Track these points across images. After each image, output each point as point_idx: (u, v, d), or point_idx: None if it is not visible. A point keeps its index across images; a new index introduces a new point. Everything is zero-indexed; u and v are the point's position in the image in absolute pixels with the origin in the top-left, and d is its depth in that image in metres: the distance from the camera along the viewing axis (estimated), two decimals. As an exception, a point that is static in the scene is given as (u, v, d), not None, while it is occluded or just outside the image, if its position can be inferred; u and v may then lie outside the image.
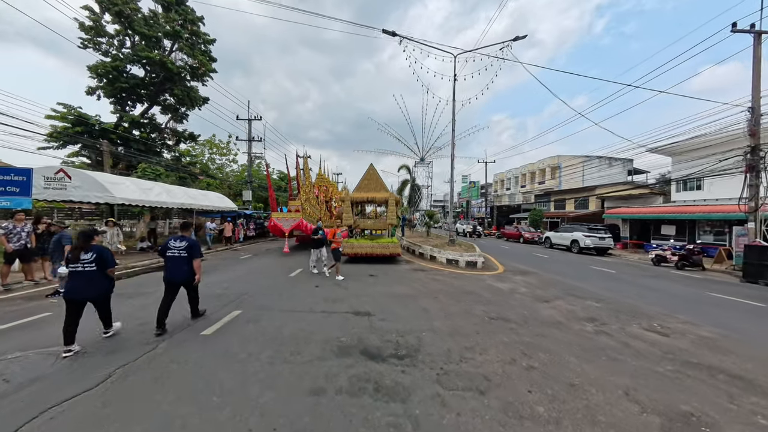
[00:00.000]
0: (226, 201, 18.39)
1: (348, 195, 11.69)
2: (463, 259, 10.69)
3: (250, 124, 27.65)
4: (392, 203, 11.61)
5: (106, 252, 3.97)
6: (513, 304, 6.41)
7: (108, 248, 4.31)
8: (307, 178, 15.62)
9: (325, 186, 20.04)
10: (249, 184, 27.00)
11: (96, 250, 3.87)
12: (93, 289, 3.82)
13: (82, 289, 3.76)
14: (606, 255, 18.83)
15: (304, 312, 5.54)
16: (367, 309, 5.76)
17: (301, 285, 7.81)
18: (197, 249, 4.77)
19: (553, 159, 45.55)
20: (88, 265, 3.77)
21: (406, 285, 7.98)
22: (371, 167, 12.44)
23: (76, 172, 10.43)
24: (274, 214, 14.01)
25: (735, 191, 19.21)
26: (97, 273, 3.82)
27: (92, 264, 3.79)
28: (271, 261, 12.13)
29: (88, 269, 3.77)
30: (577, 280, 9.39)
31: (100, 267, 3.84)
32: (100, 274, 3.86)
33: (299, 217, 13.84)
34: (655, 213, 20.12)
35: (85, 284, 3.77)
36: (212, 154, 32.97)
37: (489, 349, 4.03)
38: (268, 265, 11.20)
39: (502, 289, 7.75)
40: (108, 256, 3.94)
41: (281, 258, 12.95)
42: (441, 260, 11.44)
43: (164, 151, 25.67)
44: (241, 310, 5.59)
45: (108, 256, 3.94)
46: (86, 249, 3.82)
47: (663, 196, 26.02)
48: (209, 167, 31.34)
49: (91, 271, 3.79)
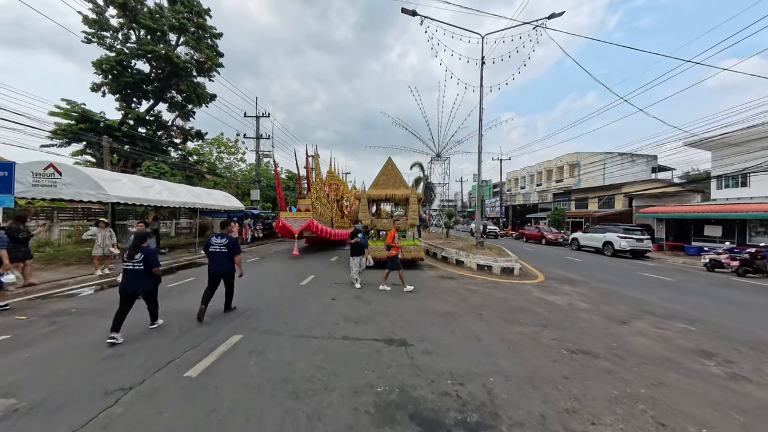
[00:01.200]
0: (232, 200, 17.39)
1: (364, 192, 10.47)
2: (498, 264, 9.32)
3: (258, 121, 26.75)
4: (414, 201, 10.34)
5: (152, 254, 4.41)
6: (583, 326, 5.05)
7: (152, 249, 4.64)
8: (318, 176, 14.45)
9: (335, 184, 18.87)
10: (257, 183, 26.07)
11: (144, 252, 4.30)
12: (141, 284, 4.27)
13: (132, 285, 4.21)
14: (643, 258, 17.15)
15: (321, 338, 4.31)
16: (400, 334, 4.49)
17: (314, 297, 6.59)
18: (236, 246, 5.24)
19: (572, 156, 43.59)
20: (137, 264, 4.22)
21: (439, 298, 6.68)
22: (389, 161, 11.18)
23: (67, 168, 9.46)
24: (283, 214, 12.88)
25: None
26: (144, 271, 4.26)
27: (140, 263, 4.23)
28: (280, 265, 10.98)
29: (137, 268, 4.22)
30: (636, 291, 7.94)
31: (146, 266, 4.27)
32: (147, 273, 4.30)
33: (309, 217, 12.67)
34: (698, 212, 18.28)
35: (133, 281, 4.22)
36: (220, 153, 32.24)
37: (601, 413, 2.70)
38: (277, 270, 10.04)
39: (558, 304, 6.38)
40: (153, 258, 4.37)
41: (290, 261, 11.81)
42: (470, 265, 10.09)
43: (171, 149, 24.96)
44: (242, 334, 4.39)
45: (153, 258, 4.37)
46: (139, 250, 4.27)
47: (701, 194, 24.02)
48: (217, 166, 30.59)
49: (140, 269, 4.23)
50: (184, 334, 4.39)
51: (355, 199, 10.55)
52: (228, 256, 5.11)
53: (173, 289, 7.22)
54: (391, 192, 10.54)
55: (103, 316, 5.05)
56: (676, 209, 19.79)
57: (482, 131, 11.99)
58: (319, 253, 14.85)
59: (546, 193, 46.70)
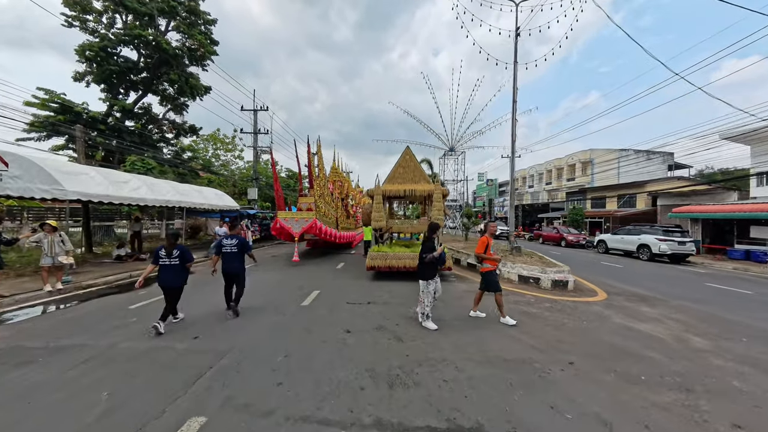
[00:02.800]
0: (225, 199, 15.63)
1: (378, 188, 8.69)
2: (547, 276, 7.51)
3: (256, 115, 25.00)
4: (439, 198, 8.56)
5: (188, 251, 4.86)
6: (740, 387, 3.25)
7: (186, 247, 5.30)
8: (321, 170, 12.68)
9: (339, 181, 17.09)
10: (255, 181, 24.31)
11: (180, 249, 4.72)
12: (178, 279, 4.70)
13: (170, 279, 4.64)
14: (683, 263, 15.33)
15: (337, 428, 2.51)
16: (470, 413, 2.70)
17: (321, 329, 4.81)
18: (248, 245, 5.60)
19: (585, 153, 41.76)
20: (173, 260, 4.63)
21: (494, 330, 4.88)
22: (407, 151, 9.38)
23: (15, 158, 7.69)
24: (281, 214, 11.11)
25: None
26: (179, 267, 4.70)
27: (176, 259, 4.65)
28: (277, 275, 9.20)
29: (173, 263, 4.64)
30: (740, 314, 6.12)
31: (182, 262, 4.71)
32: (182, 268, 4.74)
33: (312, 218, 10.90)
34: (744, 211, 16.40)
35: (172, 275, 4.65)
36: (216, 150, 30.53)
37: None
38: (273, 282, 8.26)
39: (662, 339, 4.58)
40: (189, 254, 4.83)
41: (290, 270, 10.03)
42: (509, 276, 8.29)
43: (162, 144, 23.25)
44: (206, 417, 2.60)
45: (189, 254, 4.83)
46: (175, 246, 4.67)
47: (738, 192, 22.16)
48: (212, 163, 28.86)
49: (176, 265, 4.65)
50: (122, 407, 2.61)
51: (365, 197, 8.76)
52: (239, 255, 5.41)
53: (133, 313, 5.45)
54: (410, 187, 8.77)
55: (26, 364, 3.32)
56: (717, 208, 17.92)
57: (515, 115, 10.17)
58: (322, 258, 13.07)
59: (556, 192, 44.87)
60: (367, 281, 8.27)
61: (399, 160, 9.38)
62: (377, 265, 8.24)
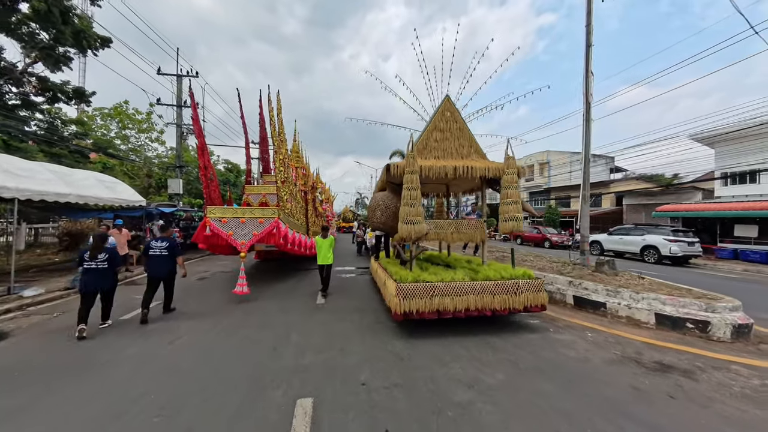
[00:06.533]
0: (120, 189, 9.89)
1: (414, 162, 4.55)
2: (721, 317, 4.28)
3: (180, 82, 18.63)
4: (512, 181, 4.82)
5: (117, 253, 4.89)
6: None
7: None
8: (283, 143, 8.08)
9: (303, 169, 12.42)
10: (179, 169, 17.98)
11: (108, 251, 4.65)
12: (106, 281, 4.60)
13: (97, 282, 4.51)
14: (686, 264, 14.20)
15: None
16: None
17: None
18: (178, 248, 5.43)
19: (542, 154, 42.62)
20: (100, 263, 4.51)
21: None
22: (447, 105, 5.43)
23: None
24: (213, 212, 6.33)
25: None
26: (108, 269, 4.59)
27: (104, 262, 4.53)
28: (202, 342, 4.54)
29: (101, 266, 4.52)
30: None
31: (111, 265, 4.63)
32: (111, 271, 4.65)
33: (272, 217, 6.37)
34: (733, 209, 16.05)
35: (99, 278, 4.53)
36: (123, 128, 22.89)
37: None
38: (193, 363, 3.68)
39: None
40: (118, 257, 4.89)
41: (231, 316, 5.43)
42: (630, 315, 4.94)
43: (27, 111, 15.75)
44: None
45: (118, 257, 4.89)
46: (102, 249, 4.58)
47: (702, 192, 22.94)
48: (114, 145, 21.38)
49: (104, 268, 4.54)
50: None
51: (408, 171, 4.42)
52: (169, 258, 5.28)
53: None
54: (462, 163, 4.87)
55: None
56: (704, 207, 17.60)
57: (588, 68, 7.02)
58: (282, 280, 8.48)
59: (516, 192, 45.21)
60: (400, 344, 4.19)
61: (433, 118, 5.41)
62: (418, 310, 4.19)
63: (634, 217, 25.23)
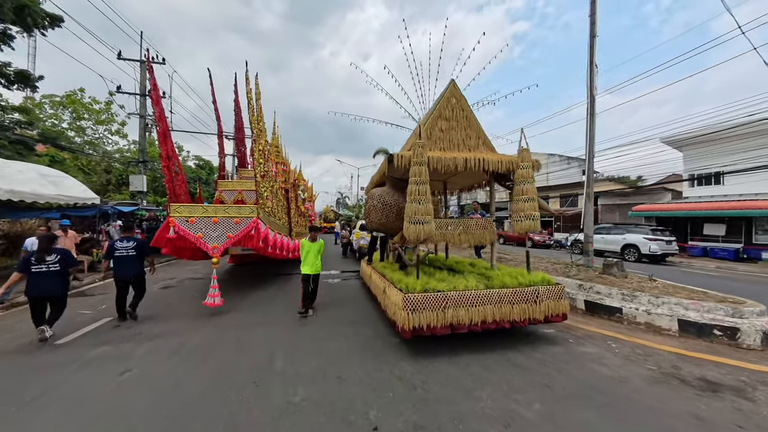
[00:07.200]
0: (65, 184, 8.54)
1: (422, 152, 3.91)
2: (750, 324, 3.97)
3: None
4: (526, 175, 4.32)
5: (70, 254, 4.57)
6: None
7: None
8: (262, 132, 7.19)
9: (283, 164, 11.46)
10: (142, 164, 16.30)
11: (60, 252, 4.38)
12: (57, 286, 4.28)
13: (48, 288, 4.20)
14: (662, 263, 14.63)
15: None
16: None
17: None
18: (146, 247, 5.23)
19: (519, 156, 43.80)
20: (51, 265, 4.21)
21: None
22: (453, 91, 4.82)
23: None
24: (177, 210, 5.39)
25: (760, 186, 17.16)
26: (59, 272, 4.27)
27: (56, 264, 4.23)
28: (165, 368, 3.68)
29: (52, 269, 4.21)
30: None
31: (63, 267, 4.32)
32: (63, 274, 4.33)
33: (251, 216, 5.52)
34: (703, 209, 16.81)
35: (50, 283, 4.21)
36: (77, 119, 20.63)
37: None
38: (147, 406, 2.84)
39: None
40: (72, 258, 4.59)
41: (202, 331, 4.55)
42: (650, 321, 4.58)
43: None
44: None
45: (72, 258, 4.59)
46: (52, 251, 4.30)
47: (671, 193, 24.08)
48: (67, 136, 19.20)
49: (55, 271, 4.23)
50: None
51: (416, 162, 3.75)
52: (137, 259, 5.05)
53: None
54: (473, 155, 4.29)
55: None
56: (677, 207, 18.36)
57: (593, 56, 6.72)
58: (260, 288, 7.57)
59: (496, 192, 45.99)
60: (409, 367, 3.55)
61: (437, 106, 4.80)
62: (429, 325, 3.56)
63: (608, 217, 26.18)
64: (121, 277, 4.94)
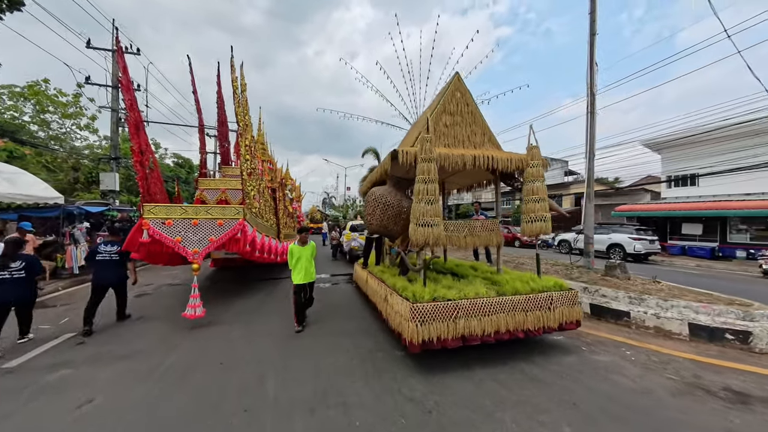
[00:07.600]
0: (22, 181, 7.67)
1: (430, 148, 3.60)
2: (762, 328, 3.88)
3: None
4: (536, 174, 4.09)
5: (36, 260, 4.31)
6: None
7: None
8: (248, 126, 6.68)
9: (269, 162, 10.88)
10: (114, 161, 15.19)
11: (25, 258, 4.13)
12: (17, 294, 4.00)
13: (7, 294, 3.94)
14: (645, 261, 15.02)
15: None
16: None
17: None
18: (128, 252, 4.98)
19: (506, 156, 44.37)
20: (16, 272, 3.99)
21: None
22: (458, 84, 4.51)
23: None
24: (152, 210, 4.83)
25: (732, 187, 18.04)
26: (24, 279, 4.04)
27: (21, 272, 4.01)
28: (134, 396, 3.20)
29: (17, 276, 3.99)
30: None
31: (29, 274, 4.09)
32: (28, 281, 4.08)
33: (237, 217, 5.03)
34: (683, 209, 17.42)
35: (13, 289, 3.96)
36: (40, 112, 19.09)
37: None
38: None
39: None
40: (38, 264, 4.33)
41: (181, 346, 4.04)
42: (659, 326, 4.45)
43: None
44: None
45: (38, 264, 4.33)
46: (16, 257, 4.05)
47: (650, 194, 24.94)
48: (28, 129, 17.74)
49: (20, 278, 4.00)
50: None
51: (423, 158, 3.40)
52: (119, 264, 4.89)
53: None
54: (481, 152, 3.99)
55: None
56: (657, 207, 18.97)
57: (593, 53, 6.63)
58: (245, 297, 7.03)
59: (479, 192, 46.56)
60: (418, 385, 3.23)
61: (442, 97, 4.48)
62: (440, 338, 3.24)
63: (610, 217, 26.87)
64: (101, 282, 4.73)
